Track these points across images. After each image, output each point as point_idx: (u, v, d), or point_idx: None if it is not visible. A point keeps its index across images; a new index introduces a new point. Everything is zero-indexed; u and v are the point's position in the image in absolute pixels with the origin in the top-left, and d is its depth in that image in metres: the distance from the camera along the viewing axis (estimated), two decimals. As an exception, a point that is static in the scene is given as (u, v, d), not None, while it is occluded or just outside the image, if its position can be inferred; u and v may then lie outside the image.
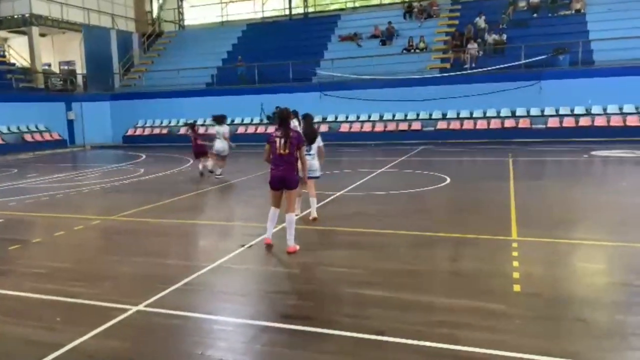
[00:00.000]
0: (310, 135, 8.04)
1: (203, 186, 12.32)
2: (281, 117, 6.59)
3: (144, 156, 20.90)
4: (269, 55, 27.57)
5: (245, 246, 6.78)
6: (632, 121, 19.75)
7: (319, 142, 8.27)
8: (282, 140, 6.43)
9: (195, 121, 14.48)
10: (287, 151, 6.44)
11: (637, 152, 15.64)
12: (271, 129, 25.83)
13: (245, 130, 26.27)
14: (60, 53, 32.88)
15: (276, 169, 6.53)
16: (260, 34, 31.35)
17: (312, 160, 8.08)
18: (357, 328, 4.27)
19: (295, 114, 10.79)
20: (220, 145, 13.12)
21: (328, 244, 7.03)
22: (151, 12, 36.75)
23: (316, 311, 4.70)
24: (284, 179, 6.48)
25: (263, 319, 4.58)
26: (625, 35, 20.76)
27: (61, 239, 7.68)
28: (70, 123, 27.98)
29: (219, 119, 13.32)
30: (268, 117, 25.94)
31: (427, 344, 3.96)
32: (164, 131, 27.96)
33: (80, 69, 30.69)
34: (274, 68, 26.47)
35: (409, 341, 4.01)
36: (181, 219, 8.76)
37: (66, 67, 32.83)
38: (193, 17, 39.42)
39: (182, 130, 20.37)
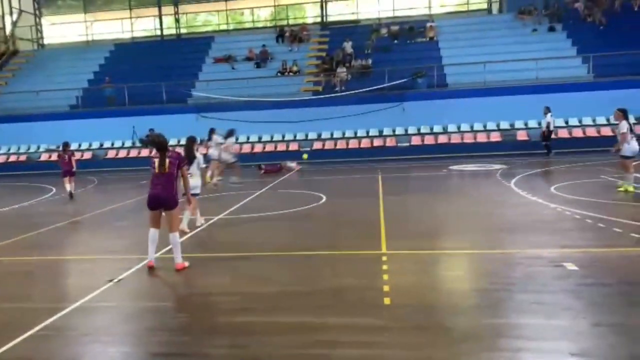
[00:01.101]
0: (190, 155, 8.84)
1: (67, 217, 11.39)
2: (157, 145, 6.78)
3: (-4, 187, 18.79)
4: (140, 76, 26.51)
5: (114, 281, 6.37)
6: (481, 138, 22.08)
7: (199, 162, 9.23)
8: (160, 161, 6.66)
9: (67, 142, 15.07)
10: (166, 170, 6.64)
11: (487, 166, 17.48)
12: (145, 152, 24.64)
13: (116, 154, 24.86)
14: None
15: (154, 188, 6.69)
16: (130, 54, 30.08)
17: (192, 179, 8.61)
18: (232, 359, 4.22)
19: (231, 132, 15.48)
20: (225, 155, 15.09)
21: (205, 271, 6.86)
22: (3, 28, 33.43)
23: (190, 346, 4.53)
24: (160, 198, 6.64)
25: (131, 361, 4.33)
26: (471, 61, 23.30)
27: None
28: None
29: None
30: (141, 141, 24.80)
31: (302, 366, 4.02)
32: (22, 158, 25.53)
33: None
34: (145, 89, 25.51)
35: (285, 366, 4.05)
36: (41, 256, 8.00)
37: None
38: (54, 35, 36.65)
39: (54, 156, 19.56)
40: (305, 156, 20.31)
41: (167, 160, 6.63)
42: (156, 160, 6.67)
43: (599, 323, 4.59)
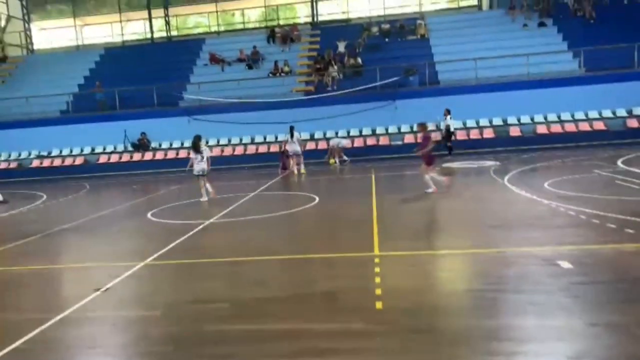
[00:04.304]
0: (196, 147, 13.07)
1: (56, 225, 11.22)
2: None
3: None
4: (131, 80, 26.32)
5: (101, 290, 6.24)
6: (474, 134, 22.03)
7: (206, 152, 13.11)
8: None
9: None
10: None
11: (480, 163, 17.40)
12: (137, 156, 24.46)
13: (108, 159, 24.66)
14: None
15: None
16: (121, 58, 29.93)
17: (203, 164, 13.00)
18: (219, 369, 4.11)
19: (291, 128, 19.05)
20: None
21: (194, 277, 6.73)
22: (-8, 34, 33.18)
23: (176, 356, 4.42)
24: None
25: (116, 373, 4.21)
26: (462, 58, 23.26)
27: None
28: None
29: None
30: (133, 145, 24.62)
31: (291, 375, 3.92)
32: (13, 165, 25.28)
33: None
34: (137, 93, 25.33)
35: (273, 375, 3.94)
36: (27, 265, 7.85)
37: None
38: (43, 40, 36.41)
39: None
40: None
41: None
42: None
43: (595, 323, 4.50)
